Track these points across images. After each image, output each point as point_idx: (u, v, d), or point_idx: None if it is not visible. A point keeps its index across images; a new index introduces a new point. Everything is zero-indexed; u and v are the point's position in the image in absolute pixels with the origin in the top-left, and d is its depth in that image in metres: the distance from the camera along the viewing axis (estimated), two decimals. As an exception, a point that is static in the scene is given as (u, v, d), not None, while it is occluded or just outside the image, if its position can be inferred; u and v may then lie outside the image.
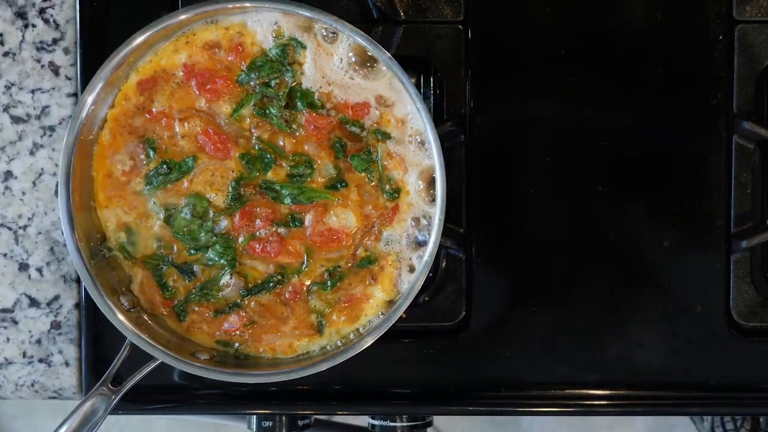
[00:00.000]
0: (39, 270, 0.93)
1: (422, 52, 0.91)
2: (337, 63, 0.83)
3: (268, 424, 0.94)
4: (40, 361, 0.94)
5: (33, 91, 0.93)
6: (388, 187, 0.84)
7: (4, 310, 0.94)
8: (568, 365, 0.91)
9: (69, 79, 0.93)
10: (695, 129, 0.91)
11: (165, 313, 0.86)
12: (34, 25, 0.93)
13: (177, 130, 0.84)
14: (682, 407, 0.94)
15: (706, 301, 0.91)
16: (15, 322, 0.94)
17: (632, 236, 0.91)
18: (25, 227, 0.93)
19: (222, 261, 0.85)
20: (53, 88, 0.93)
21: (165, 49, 0.84)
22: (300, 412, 0.95)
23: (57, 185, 0.83)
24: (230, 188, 0.84)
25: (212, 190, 0.84)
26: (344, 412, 0.98)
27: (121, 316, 0.83)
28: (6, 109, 0.93)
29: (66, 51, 0.93)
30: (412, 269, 0.84)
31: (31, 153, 0.93)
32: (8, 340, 0.94)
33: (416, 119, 0.83)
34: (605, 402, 0.91)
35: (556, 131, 0.91)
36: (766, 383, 0.91)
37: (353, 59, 0.83)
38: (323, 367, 0.82)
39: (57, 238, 0.93)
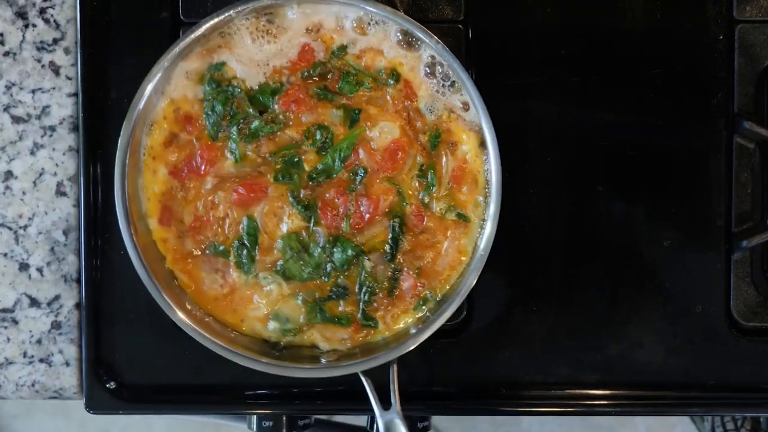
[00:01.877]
0: (39, 270, 0.94)
1: (422, 52, 0.91)
2: (250, 43, 0.84)
3: (268, 424, 0.94)
4: (41, 361, 0.94)
5: (33, 91, 0.93)
6: (384, 76, 0.84)
7: (5, 310, 0.94)
8: (568, 365, 0.91)
9: (69, 79, 0.93)
10: (695, 129, 0.91)
11: (362, 332, 0.86)
12: (34, 25, 0.93)
13: (219, 215, 0.85)
14: (682, 407, 0.94)
15: (706, 301, 0.91)
16: (15, 322, 0.94)
17: (632, 236, 0.91)
18: (25, 227, 0.93)
19: (351, 256, 0.84)
20: (53, 88, 0.93)
21: (145, 178, 0.85)
22: (300, 413, 0.95)
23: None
24: (294, 206, 0.84)
25: (286, 220, 0.85)
26: (344, 412, 0.98)
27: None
28: (6, 108, 0.93)
29: (66, 51, 0.93)
30: (466, 107, 0.84)
31: (32, 153, 0.93)
32: (8, 340, 0.94)
33: (351, 15, 0.83)
34: (605, 402, 0.91)
35: (556, 131, 0.91)
36: (766, 383, 0.91)
37: (263, 23, 0.84)
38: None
39: (57, 238, 0.93)
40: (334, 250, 0.84)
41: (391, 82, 0.84)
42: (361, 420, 1.06)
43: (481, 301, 0.91)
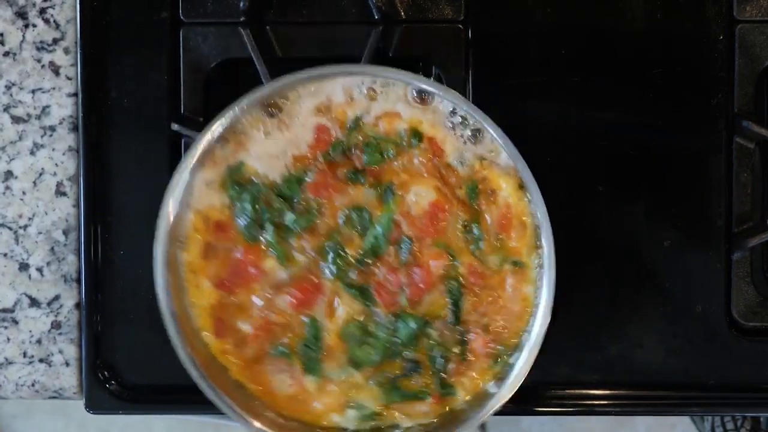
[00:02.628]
0: (39, 270, 0.94)
1: (422, 52, 0.91)
2: (263, 137, 0.81)
3: (268, 424, 0.94)
4: (41, 361, 0.94)
5: (33, 91, 0.93)
6: (406, 140, 0.81)
7: (5, 310, 0.94)
8: (568, 365, 0.91)
9: (69, 79, 0.93)
10: (695, 129, 0.91)
11: (442, 402, 0.84)
12: (34, 25, 0.93)
13: (278, 320, 0.82)
14: (682, 407, 0.94)
15: (706, 301, 0.91)
16: (15, 322, 0.94)
17: (632, 236, 0.91)
18: (25, 227, 0.93)
19: (415, 329, 0.82)
20: (53, 88, 0.93)
21: (190, 294, 0.82)
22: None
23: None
24: (348, 293, 0.81)
25: (343, 309, 0.82)
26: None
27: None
28: (6, 109, 0.93)
29: (66, 51, 0.93)
30: (496, 151, 0.81)
31: (32, 153, 0.93)
32: (8, 340, 0.94)
33: (358, 84, 0.80)
34: (605, 402, 0.91)
35: (556, 131, 0.91)
36: (766, 383, 0.91)
37: (270, 113, 0.81)
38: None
39: (57, 238, 0.93)
40: (398, 326, 0.81)
41: (415, 143, 0.81)
42: (361, 420, 1.06)
43: (481, 301, 0.91)
